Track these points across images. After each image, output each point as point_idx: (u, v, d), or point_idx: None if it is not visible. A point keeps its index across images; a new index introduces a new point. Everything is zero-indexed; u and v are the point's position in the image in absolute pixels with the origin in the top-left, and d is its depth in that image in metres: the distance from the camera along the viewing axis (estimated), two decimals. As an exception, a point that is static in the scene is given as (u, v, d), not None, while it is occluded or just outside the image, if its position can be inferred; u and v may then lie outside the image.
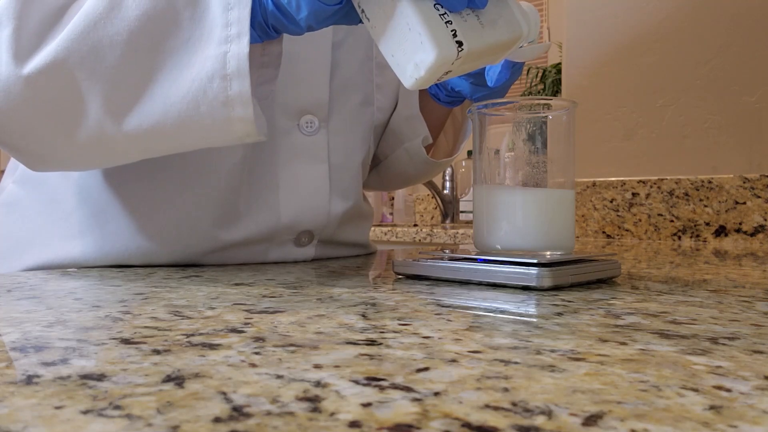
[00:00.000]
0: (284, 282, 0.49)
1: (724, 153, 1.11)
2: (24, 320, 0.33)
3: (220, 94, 0.44)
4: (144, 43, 0.45)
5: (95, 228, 0.62)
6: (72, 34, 0.45)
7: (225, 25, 0.43)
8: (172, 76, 0.45)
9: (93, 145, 0.49)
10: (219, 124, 0.45)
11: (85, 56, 0.45)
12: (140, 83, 0.45)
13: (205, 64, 0.44)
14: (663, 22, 1.16)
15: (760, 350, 0.26)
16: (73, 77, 0.46)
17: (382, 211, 2.27)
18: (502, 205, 0.50)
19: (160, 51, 0.45)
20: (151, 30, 0.45)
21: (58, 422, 0.18)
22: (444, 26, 0.41)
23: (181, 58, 0.45)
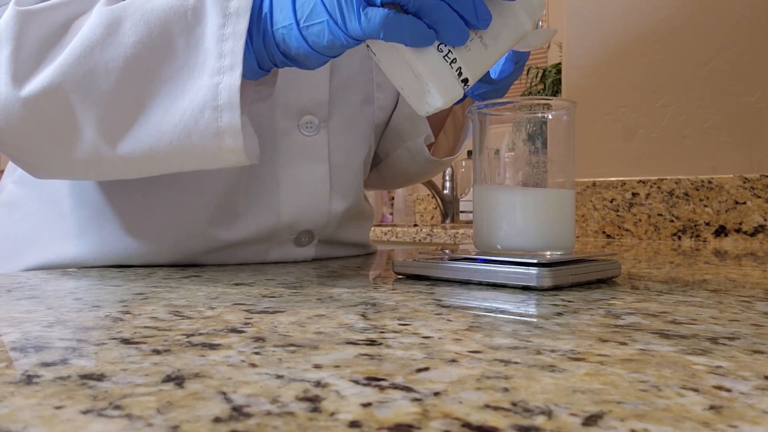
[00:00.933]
0: (284, 282, 0.49)
1: (724, 153, 1.11)
2: (24, 320, 0.33)
3: (211, 124, 0.44)
4: (138, 70, 0.45)
5: (94, 228, 0.62)
6: (69, 59, 0.46)
7: (219, 56, 0.44)
8: (165, 103, 0.45)
9: (90, 162, 0.50)
10: (210, 152, 0.46)
11: (80, 81, 0.46)
12: (134, 109, 0.46)
13: (198, 94, 0.44)
14: (663, 22, 1.16)
15: (760, 350, 0.26)
16: (68, 101, 0.46)
17: (382, 211, 2.26)
18: (502, 205, 0.50)
19: (154, 78, 0.46)
20: (146, 57, 0.45)
21: (58, 422, 0.18)
22: (448, 68, 0.42)
23: (175, 86, 0.45)
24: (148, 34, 0.45)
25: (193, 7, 0.45)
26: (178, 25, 0.45)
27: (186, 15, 0.45)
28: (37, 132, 0.49)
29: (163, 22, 0.45)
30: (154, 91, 0.46)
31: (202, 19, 0.45)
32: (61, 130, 0.48)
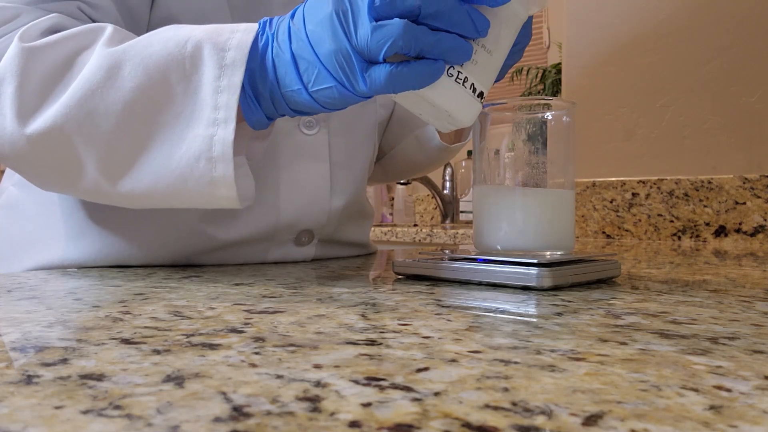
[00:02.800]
0: (284, 282, 0.49)
1: (724, 153, 1.11)
2: (24, 320, 0.33)
3: (205, 174, 0.45)
4: (138, 114, 0.46)
5: (94, 229, 0.62)
6: (71, 101, 0.46)
7: (214, 107, 0.45)
8: (163, 149, 0.46)
9: (93, 194, 0.52)
10: (205, 197, 0.47)
11: (82, 123, 0.47)
12: (133, 152, 0.47)
13: (194, 143, 0.45)
14: (663, 22, 1.16)
15: (760, 350, 0.26)
16: (71, 141, 0.47)
17: (382, 211, 2.26)
18: (502, 205, 0.50)
19: (152, 123, 0.46)
20: (145, 102, 0.46)
21: (58, 422, 0.18)
22: (462, 90, 0.41)
23: (173, 131, 0.46)
24: (147, 80, 0.46)
25: (191, 55, 0.46)
26: (176, 72, 0.46)
27: (184, 63, 0.46)
28: (43, 166, 0.50)
29: (162, 68, 0.46)
30: (153, 136, 0.47)
31: (200, 67, 0.45)
32: (64, 167, 0.49)
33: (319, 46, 0.41)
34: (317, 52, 0.41)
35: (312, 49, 0.41)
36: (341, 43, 0.40)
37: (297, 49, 0.42)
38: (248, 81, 0.45)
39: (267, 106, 0.46)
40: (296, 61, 0.43)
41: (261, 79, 0.45)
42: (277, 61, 0.44)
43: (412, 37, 0.38)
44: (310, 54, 0.42)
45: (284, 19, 0.45)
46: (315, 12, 0.41)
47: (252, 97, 0.46)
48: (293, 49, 0.43)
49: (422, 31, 0.38)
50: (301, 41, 0.42)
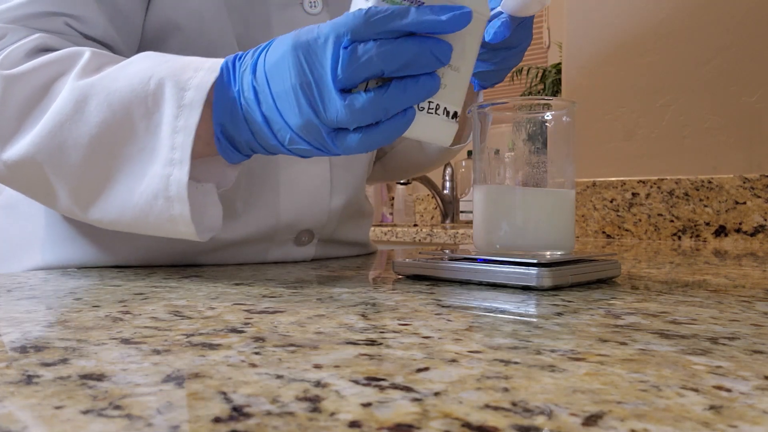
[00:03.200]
0: (284, 282, 0.49)
1: (724, 153, 1.11)
2: (24, 320, 0.33)
3: (164, 212, 0.46)
4: (103, 148, 0.47)
5: (94, 230, 0.62)
6: (43, 131, 0.48)
7: (171, 147, 0.45)
8: (127, 183, 0.47)
9: (70, 215, 0.53)
10: (167, 231, 0.48)
11: (52, 154, 0.48)
12: (100, 184, 0.48)
13: (152, 181, 0.46)
14: (663, 22, 1.16)
15: (760, 350, 0.26)
16: (43, 170, 0.49)
17: (382, 211, 2.26)
18: (502, 205, 0.50)
19: (117, 156, 0.47)
20: (109, 137, 0.47)
21: (58, 422, 0.18)
22: (436, 118, 0.42)
23: (135, 166, 0.47)
24: (111, 115, 0.46)
25: (153, 93, 0.46)
26: (139, 109, 0.46)
27: (146, 100, 0.46)
28: (22, 189, 0.53)
29: (125, 104, 0.46)
30: (118, 168, 0.47)
31: (161, 106, 0.45)
32: (40, 192, 0.51)
33: (288, 116, 0.41)
34: (287, 122, 0.41)
35: (282, 118, 0.41)
36: (309, 118, 0.40)
37: (267, 112, 0.42)
38: (221, 132, 0.45)
39: (246, 150, 0.47)
40: (268, 123, 0.43)
41: (235, 132, 0.45)
42: (248, 118, 0.44)
43: (381, 107, 0.38)
44: (281, 121, 0.42)
45: (246, 69, 0.43)
46: (278, 78, 0.41)
47: (228, 145, 0.46)
48: (263, 111, 0.42)
49: (389, 96, 0.38)
50: (269, 106, 0.42)
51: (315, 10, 0.64)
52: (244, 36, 0.61)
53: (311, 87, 0.39)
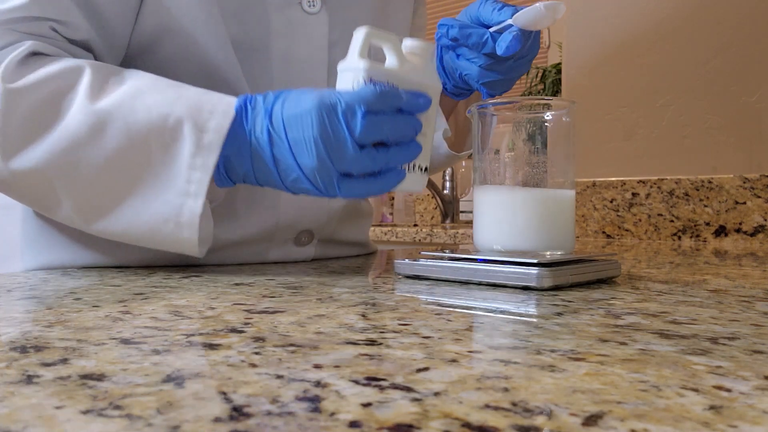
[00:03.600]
0: (284, 282, 0.49)
1: (724, 153, 1.11)
2: (24, 320, 0.33)
3: (172, 234, 0.51)
4: (117, 171, 0.50)
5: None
6: (55, 148, 0.50)
7: (187, 180, 0.49)
8: (136, 204, 0.51)
9: (69, 224, 0.55)
10: (170, 248, 0.53)
11: (64, 169, 0.51)
12: (109, 203, 0.51)
13: (165, 207, 0.50)
14: (663, 22, 1.16)
15: (760, 350, 0.26)
16: (51, 183, 0.51)
17: (381, 211, 2.26)
18: (502, 205, 0.50)
19: (131, 179, 0.51)
20: (125, 162, 0.50)
21: (58, 422, 0.18)
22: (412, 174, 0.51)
23: (147, 190, 0.50)
24: (129, 143, 0.50)
25: (171, 128, 0.49)
26: (157, 141, 0.50)
27: (164, 134, 0.49)
28: (22, 197, 0.55)
29: (144, 135, 0.50)
30: (130, 190, 0.51)
31: (179, 141, 0.49)
32: (42, 202, 0.53)
33: (303, 159, 0.47)
34: (299, 164, 0.48)
35: (295, 161, 0.48)
36: (326, 164, 0.47)
37: (278, 153, 0.48)
38: (223, 162, 0.50)
39: (237, 180, 0.52)
40: (276, 162, 0.49)
41: (237, 164, 0.50)
42: (255, 155, 0.49)
43: (384, 162, 0.49)
44: (292, 163, 0.48)
45: (259, 114, 0.49)
46: (298, 128, 0.47)
47: (225, 175, 0.51)
48: (274, 152, 0.49)
49: (392, 154, 0.49)
50: (283, 149, 0.48)
51: (314, 10, 0.64)
52: (240, 38, 0.61)
53: (331, 140, 0.47)
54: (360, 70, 0.48)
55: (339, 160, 0.47)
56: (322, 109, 0.47)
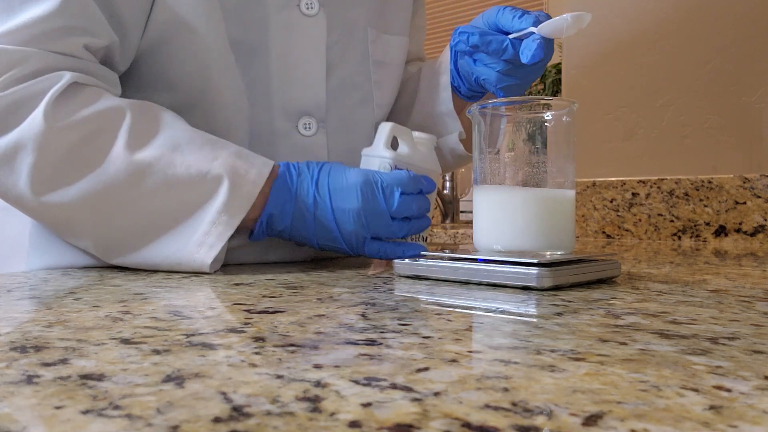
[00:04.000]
0: (284, 282, 0.49)
1: (724, 153, 1.11)
2: (24, 320, 0.33)
3: (184, 268, 0.55)
4: (147, 219, 0.54)
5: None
6: (89, 191, 0.53)
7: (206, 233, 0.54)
8: (156, 248, 0.55)
9: (85, 249, 0.59)
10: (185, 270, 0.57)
11: (94, 212, 0.54)
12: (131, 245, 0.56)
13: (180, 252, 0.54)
14: (663, 22, 1.16)
15: (760, 350, 0.26)
16: (78, 220, 0.55)
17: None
18: (502, 205, 0.50)
19: (156, 228, 0.55)
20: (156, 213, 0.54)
21: (58, 422, 0.18)
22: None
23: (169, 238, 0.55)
24: (164, 196, 0.54)
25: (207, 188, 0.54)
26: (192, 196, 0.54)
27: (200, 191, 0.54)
28: (45, 223, 0.57)
29: (180, 190, 0.54)
30: (154, 237, 0.55)
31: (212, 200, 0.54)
32: (64, 232, 0.57)
33: (344, 225, 0.56)
34: (340, 228, 0.56)
35: (336, 224, 0.56)
36: (363, 231, 0.56)
37: (320, 216, 0.56)
38: (267, 220, 0.56)
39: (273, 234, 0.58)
40: (316, 223, 0.56)
41: (278, 221, 0.57)
42: (297, 215, 0.56)
43: (407, 231, 0.58)
44: (333, 226, 0.56)
45: (305, 180, 0.57)
46: (342, 198, 0.56)
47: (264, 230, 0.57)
48: (316, 215, 0.56)
49: (412, 225, 0.58)
50: (326, 213, 0.56)
51: (312, 12, 0.65)
52: (239, 39, 0.61)
53: (371, 214, 0.56)
54: (387, 159, 0.61)
55: (375, 227, 0.56)
56: (366, 186, 0.56)
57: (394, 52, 0.76)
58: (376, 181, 0.57)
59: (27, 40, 0.53)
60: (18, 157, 0.51)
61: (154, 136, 0.54)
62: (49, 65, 0.53)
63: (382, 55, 0.74)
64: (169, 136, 0.55)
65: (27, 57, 0.52)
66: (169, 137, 0.55)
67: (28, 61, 0.52)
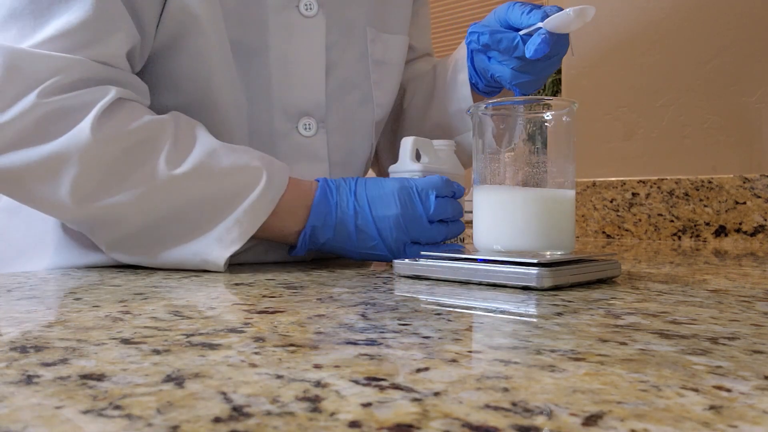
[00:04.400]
0: (284, 282, 0.49)
1: (724, 153, 1.11)
2: (24, 320, 0.33)
3: (198, 265, 0.56)
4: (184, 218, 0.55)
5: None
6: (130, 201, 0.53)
7: (228, 230, 0.55)
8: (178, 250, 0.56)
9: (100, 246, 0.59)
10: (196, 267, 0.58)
11: (131, 214, 0.54)
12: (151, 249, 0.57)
13: (196, 256, 0.56)
14: (663, 22, 1.16)
15: (760, 350, 0.26)
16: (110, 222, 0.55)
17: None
18: (502, 205, 0.50)
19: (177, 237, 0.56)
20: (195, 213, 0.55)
21: (58, 422, 0.18)
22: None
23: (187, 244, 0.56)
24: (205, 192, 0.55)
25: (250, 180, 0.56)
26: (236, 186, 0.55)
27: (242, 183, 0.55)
28: (81, 227, 0.57)
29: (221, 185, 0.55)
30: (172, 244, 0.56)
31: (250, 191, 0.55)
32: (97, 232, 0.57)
33: (385, 231, 0.58)
34: (381, 235, 0.58)
35: (377, 232, 0.58)
36: (403, 236, 0.58)
37: (362, 225, 0.58)
38: (310, 233, 0.58)
39: (315, 248, 0.60)
40: (358, 232, 0.58)
41: (321, 234, 0.58)
42: (339, 226, 0.58)
43: (444, 235, 0.60)
44: (374, 233, 0.58)
45: (344, 192, 0.59)
46: (381, 206, 0.58)
47: (307, 243, 0.59)
48: (357, 224, 0.58)
49: (453, 229, 0.61)
50: (367, 221, 0.58)
51: (310, 13, 0.65)
52: (239, 40, 0.61)
53: (410, 218, 0.58)
54: (416, 171, 0.64)
55: (414, 232, 0.58)
56: (402, 192, 0.58)
57: (393, 51, 0.76)
58: (411, 186, 0.59)
59: (69, 47, 0.52)
60: (61, 168, 0.51)
61: (192, 147, 0.55)
62: (90, 75, 0.53)
63: (382, 55, 0.74)
64: (206, 143, 0.56)
65: (70, 65, 0.52)
66: (206, 144, 0.56)
67: (72, 69, 0.52)
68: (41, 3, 0.52)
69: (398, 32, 0.77)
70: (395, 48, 0.76)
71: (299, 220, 0.58)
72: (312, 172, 0.67)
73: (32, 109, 0.50)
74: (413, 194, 0.58)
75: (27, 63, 0.51)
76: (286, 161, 0.65)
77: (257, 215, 0.55)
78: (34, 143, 0.51)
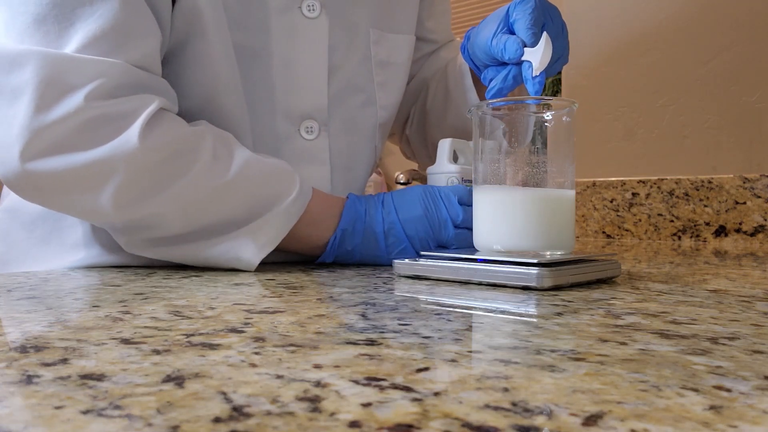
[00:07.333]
0: (284, 282, 0.49)
1: (724, 153, 1.11)
2: (24, 320, 0.33)
3: (231, 264, 0.57)
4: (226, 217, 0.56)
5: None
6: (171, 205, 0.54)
7: (263, 230, 0.56)
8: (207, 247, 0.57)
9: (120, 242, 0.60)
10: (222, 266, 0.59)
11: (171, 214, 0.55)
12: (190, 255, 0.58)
13: (229, 254, 0.57)
14: (663, 22, 1.16)
15: (760, 350, 0.26)
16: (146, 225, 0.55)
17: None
18: (502, 205, 0.50)
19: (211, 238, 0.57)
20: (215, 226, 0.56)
21: (58, 422, 0.18)
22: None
23: (222, 242, 0.56)
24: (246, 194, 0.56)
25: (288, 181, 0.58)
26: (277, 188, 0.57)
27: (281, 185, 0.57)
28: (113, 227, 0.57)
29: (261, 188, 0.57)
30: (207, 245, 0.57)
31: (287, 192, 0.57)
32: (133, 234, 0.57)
33: (412, 233, 0.60)
34: (409, 238, 0.60)
35: (405, 234, 0.60)
36: (430, 238, 0.60)
37: (390, 230, 0.60)
38: (341, 235, 0.59)
39: (341, 254, 0.61)
40: (386, 237, 0.60)
41: (349, 240, 0.60)
42: (368, 230, 0.60)
43: (466, 240, 0.60)
44: (402, 236, 0.60)
45: (371, 199, 0.62)
46: (407, 209, 0.60)
47: (336, 247, 0.60)
48: (386, 229, 0.60)
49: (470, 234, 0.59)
50: (395, 224, 0.60)
51: (313, 14, 0.65)
52: (242, 42, 0.61)
53: (437, 222, 0.60)
54: (453, 173, 0.66)
55: (440, 234, 0.60)
56: (427, 196, 0.61)
57: (399, 52, 0.75)
58: (434, 190, 0.61)
59: (106, 50, 0.51)
60: (107, 175, 0.50)
61: (232, 158, 0.56)
62: (131, 80, 0.52)
63: (386, 55, 0.73)
64: (242, 153, 0.57)
65: (112, 69, 0.51)
66: (242, 154, 0.57)
67: (114, 72, 0.51)
68: (65, 7, 0.51)
69: (404, 32, 0.76)
70: (401, 48, 0.75)
71: (328, 228, 0.60)
72: (313, 175, 0.66)
73: (79, 112, 0.49)
74: (437, 197, 0.61)
75: (67, 66, 0.50)
76: (289, 160, 0.65)
77: (290, 217, 0.57)
78: (79, 148, 0.50)
